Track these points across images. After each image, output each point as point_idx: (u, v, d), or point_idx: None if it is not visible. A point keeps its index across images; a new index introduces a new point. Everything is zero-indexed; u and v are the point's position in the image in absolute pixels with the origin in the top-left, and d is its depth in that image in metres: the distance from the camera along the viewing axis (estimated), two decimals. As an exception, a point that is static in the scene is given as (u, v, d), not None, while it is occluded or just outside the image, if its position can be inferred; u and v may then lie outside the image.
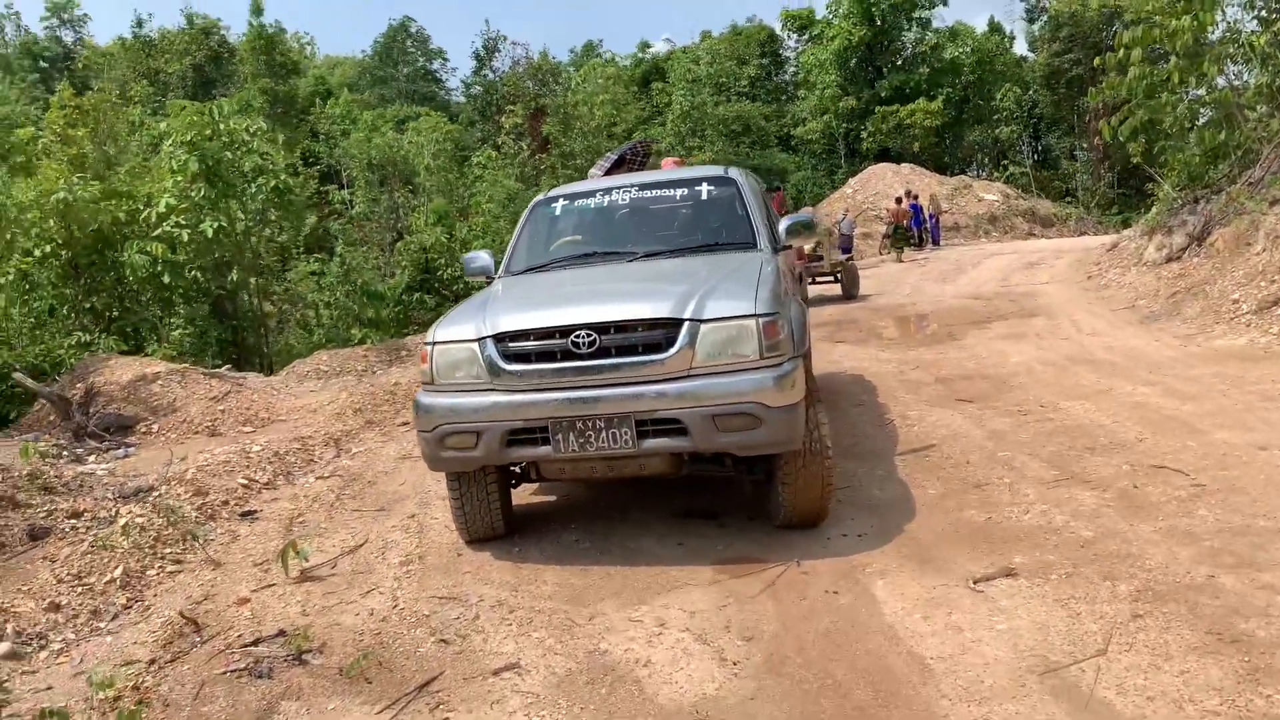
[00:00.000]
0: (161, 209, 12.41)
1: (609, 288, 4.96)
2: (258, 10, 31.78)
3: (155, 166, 13.58)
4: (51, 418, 8.32)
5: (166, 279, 11.98)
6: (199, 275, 12.39)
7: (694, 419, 4.32)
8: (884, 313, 15.22)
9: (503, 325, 4.55)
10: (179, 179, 12.59)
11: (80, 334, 11.54)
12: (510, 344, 4.51)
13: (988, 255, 24.91)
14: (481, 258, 5.93)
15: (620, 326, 4.41)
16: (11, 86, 33.07)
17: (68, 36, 41.37)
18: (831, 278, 18.33)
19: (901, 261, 26.02)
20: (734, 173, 6.07)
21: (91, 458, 7.15)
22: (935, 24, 45.04)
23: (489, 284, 5.83)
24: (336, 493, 6.30)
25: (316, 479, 6.67)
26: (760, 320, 4.37)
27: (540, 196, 6.35)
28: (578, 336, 4.39)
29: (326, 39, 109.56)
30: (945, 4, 45.37)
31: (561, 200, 6.15)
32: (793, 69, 48.51)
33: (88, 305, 12.14)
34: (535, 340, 4.49)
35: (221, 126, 13.12)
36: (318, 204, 25.77)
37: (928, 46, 43.47)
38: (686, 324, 4.37)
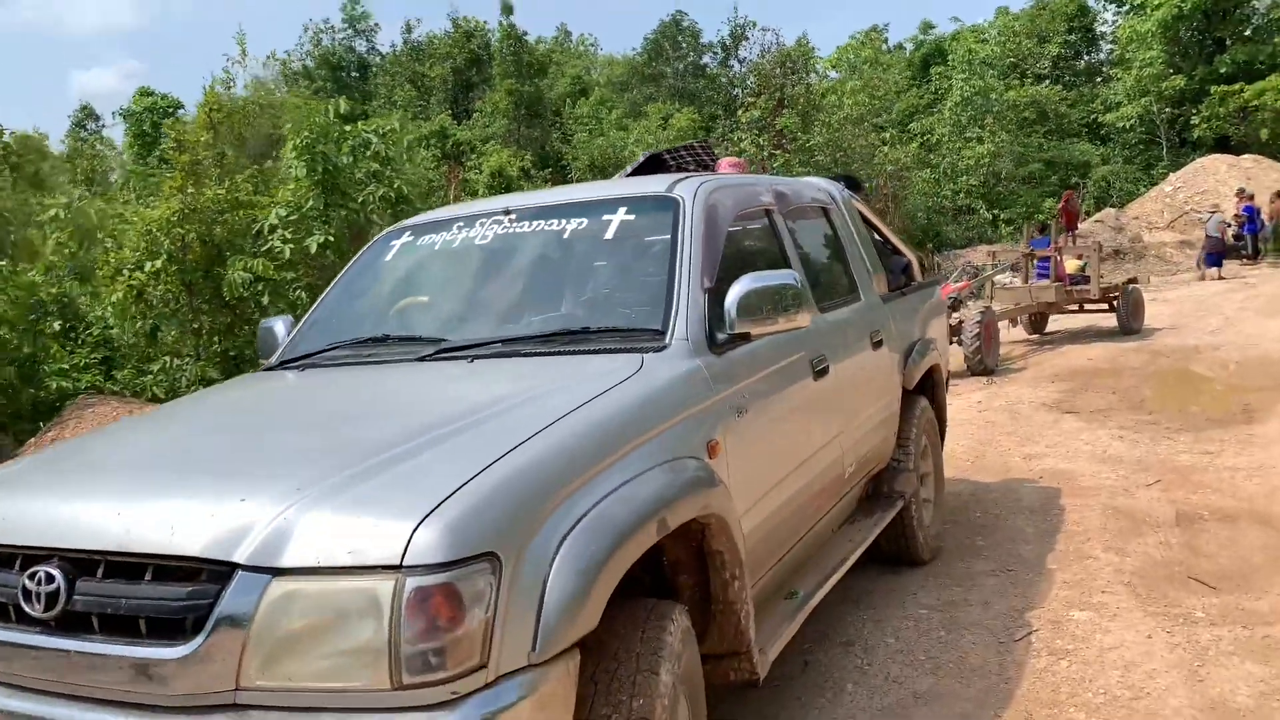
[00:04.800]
0: (273, 220, 11.26)
1: (202, 449, 2.43)
2: (507, 10, 31.51)
3: (280, 174, 12.63)
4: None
5: (265, 299, 10.80)
6: (304, 296, 11.12)
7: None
8: (1163, 360, 11.13)
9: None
10: (293, 188, 11.40)
11: (166, 359, 10.63)
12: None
13: (1349, 275, 19.01)
14: (275, 329, 3.61)
15: (116, 564, 1.92)
16: (294, 94, 35.28)
17: (361, 46, 44.02)
18: (1106, 305, 14.16)
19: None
20: (684, 190, 3.25)
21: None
22: (1302, -18, 36.58)
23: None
24: None
25: None
26: (410, 581, 1.72)
27: (390, 229, 3.89)
28: (33, 577, 1.95)
29: (610, 39, 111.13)
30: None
31: (406, 235, 3.66)
32: (1109, 46, 41.66)
33: (195, 327, 11.27)
34: (-26, 567, 2.09)
35: (348, 129, 11.77)
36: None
37: (1289, 10, 35.30)
38: (239, 577, 1.80)
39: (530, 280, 3.20)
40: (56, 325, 11.94)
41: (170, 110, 27.01)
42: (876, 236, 5.17)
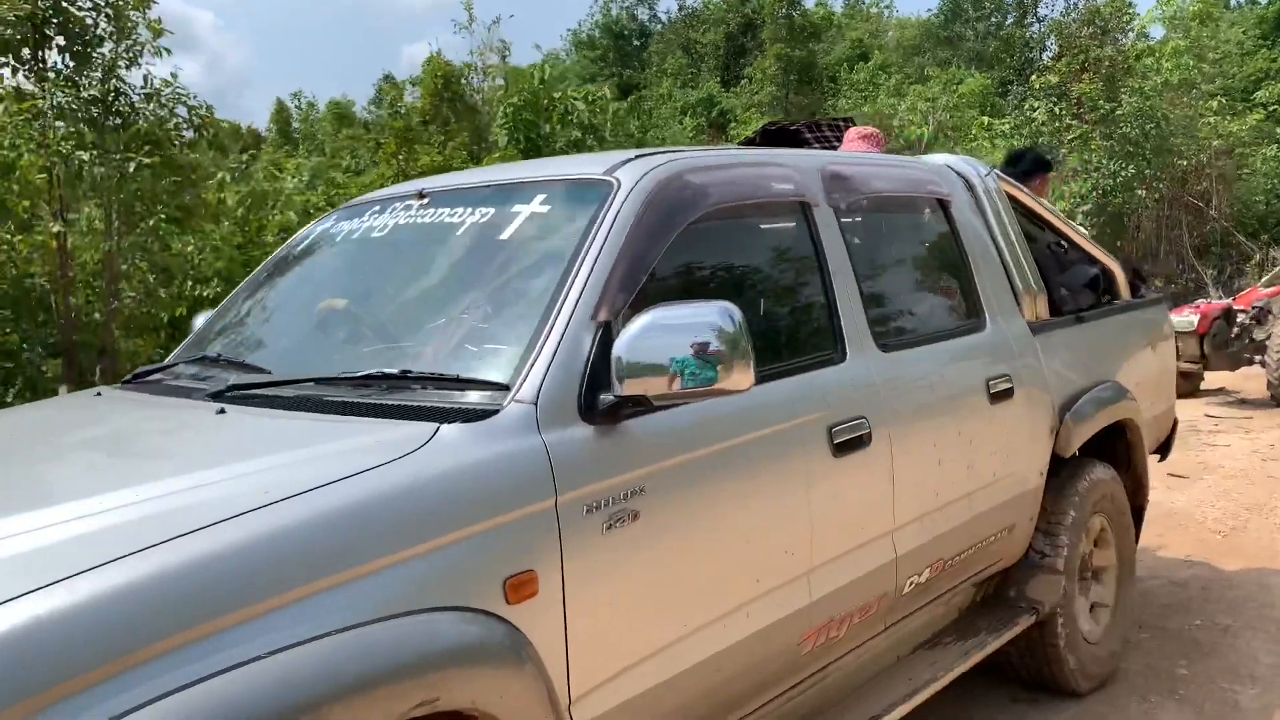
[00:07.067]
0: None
1: None
2: (776, -34, 29.92)
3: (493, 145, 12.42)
4: None
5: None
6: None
7: None
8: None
9: None
10: (499, 156, 11.14)
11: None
12: None
13: None
14: (196, 326, 3.00)
15: None
16: (573, 64, 35.98)
17: (643, 14, 44.08)
18: None
19: None
20: (629, 172, 2.19)
21: None
22: None
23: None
24: None
25: None
26: None
27: (334, 210, 3.12)
28: None
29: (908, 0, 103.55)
30: None
31: (330, 220, 2.87)
32: None
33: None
34: None
35: (556, 96, 11.33)
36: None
37: None
38: None
39: (395, 293, 2.32)
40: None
41: (456, 79, 28.37)
42: (1050, 237, 3.77)
